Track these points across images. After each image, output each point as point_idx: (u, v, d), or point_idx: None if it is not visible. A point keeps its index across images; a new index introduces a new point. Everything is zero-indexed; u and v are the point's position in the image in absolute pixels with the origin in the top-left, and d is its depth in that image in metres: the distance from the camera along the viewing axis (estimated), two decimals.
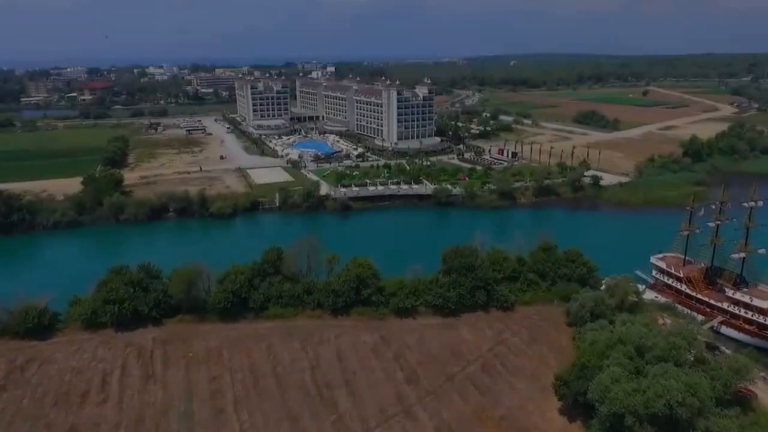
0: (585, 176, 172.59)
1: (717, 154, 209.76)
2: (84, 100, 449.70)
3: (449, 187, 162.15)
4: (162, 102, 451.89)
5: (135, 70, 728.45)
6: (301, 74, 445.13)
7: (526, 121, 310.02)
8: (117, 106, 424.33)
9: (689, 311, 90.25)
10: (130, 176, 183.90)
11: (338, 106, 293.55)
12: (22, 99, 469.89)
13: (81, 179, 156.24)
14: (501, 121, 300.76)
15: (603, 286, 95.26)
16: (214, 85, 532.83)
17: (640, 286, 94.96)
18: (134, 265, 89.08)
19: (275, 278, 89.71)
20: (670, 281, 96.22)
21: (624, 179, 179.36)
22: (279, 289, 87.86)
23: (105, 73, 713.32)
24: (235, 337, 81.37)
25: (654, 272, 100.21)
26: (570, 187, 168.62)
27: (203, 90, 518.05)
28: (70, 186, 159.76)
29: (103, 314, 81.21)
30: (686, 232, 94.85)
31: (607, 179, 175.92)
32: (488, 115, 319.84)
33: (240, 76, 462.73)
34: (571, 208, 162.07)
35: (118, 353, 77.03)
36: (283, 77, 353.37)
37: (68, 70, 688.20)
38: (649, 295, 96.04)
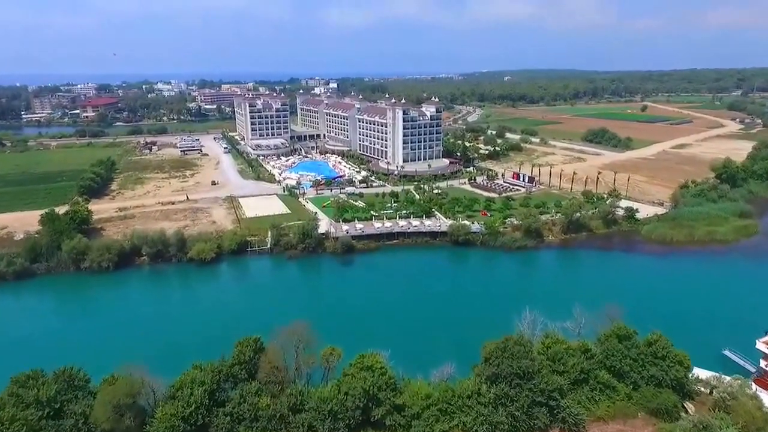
0: (618, 207, 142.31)
1: (751, 178, 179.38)
2: (87, 116, 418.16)
3: (467, 223, 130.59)
4: (165, 119, 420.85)
5: (143, 86, 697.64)
6: (301, 91, 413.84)
7: (533, 139, 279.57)
8: (118, 123, 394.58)
9: None
10: (107, 207, 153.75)
11: (340, 125, 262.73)
12: (23, 116, 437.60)
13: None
14: (508, 139, 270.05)
15: (692, 377, 66.34)
16: (218, 101, 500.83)
17: (749, 382, 65.31)
18: (76, 337, 63.97)
19: (249, 387, 59.39)
20: None
21: (660, 210, 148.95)
22: (253, 406, 57.43)
23: (114, 89, 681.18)
24: None
25: (763, 362, 69.56)
26: (602, 221, 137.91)
27: (207, 106, 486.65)
28: (37, 221, 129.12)
29: None
30: None
31: (642, 210, 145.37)
32: (494, 132, 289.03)
33: (239, 92, 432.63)
34: (605, 247, 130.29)
35: None
36: (283, 95, 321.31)
37: (78, 86, 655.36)
38: (762, 397, 65.42)
